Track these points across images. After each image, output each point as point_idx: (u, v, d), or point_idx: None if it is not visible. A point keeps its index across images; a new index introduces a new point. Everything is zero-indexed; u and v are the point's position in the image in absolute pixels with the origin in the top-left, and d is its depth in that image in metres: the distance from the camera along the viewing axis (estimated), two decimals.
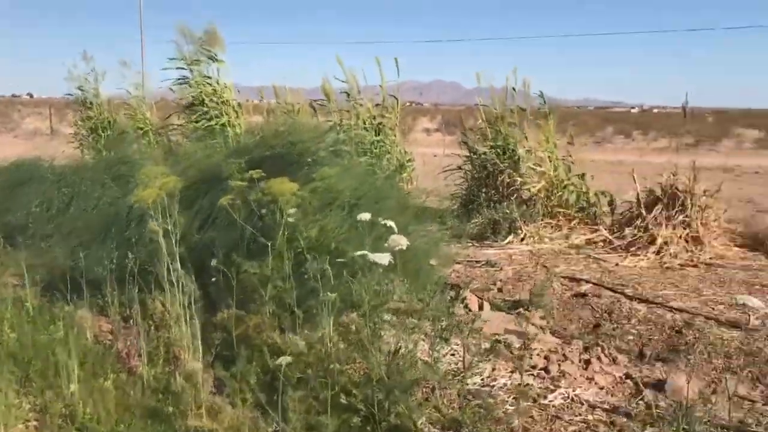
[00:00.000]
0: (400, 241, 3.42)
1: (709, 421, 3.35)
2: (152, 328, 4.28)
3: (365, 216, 3.60)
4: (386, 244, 3.42)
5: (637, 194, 8.22)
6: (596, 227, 8.58)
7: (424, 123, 51.65)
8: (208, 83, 10.18)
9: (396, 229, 3.61)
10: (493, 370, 4.12)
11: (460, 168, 10.33)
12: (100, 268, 4.21)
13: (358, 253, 3.46)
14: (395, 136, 10.44)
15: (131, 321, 4.27)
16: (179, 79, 10.57)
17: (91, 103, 13.76)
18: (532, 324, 4.99)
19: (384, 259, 3.18)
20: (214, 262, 3.73)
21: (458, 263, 6.91)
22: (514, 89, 10.12)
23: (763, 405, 3.82)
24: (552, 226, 8.74)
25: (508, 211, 8.47)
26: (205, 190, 4.67)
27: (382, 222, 3.71)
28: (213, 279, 4.07)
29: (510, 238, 8.25)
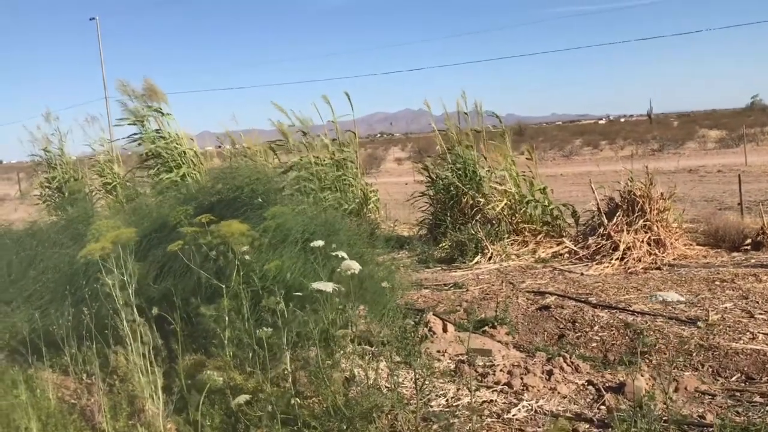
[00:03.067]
0: (352, 266, 3.50)
1: (668, 418, 3.40)
2: (117, 382, 4.26)
3: (318, 243, 3.69)
4: (338, 270, 3.49)
5: (597, 203, 8.36)
6: (561, 239, 8.70)
7: (395, 153, 52.14)
8: (161, 137, 10.26)
9: (348, 258, 3.68)
10: (458, 390, 4.14)
11: (423, 194, 10.45)
12: (58, 327, 4.20)
13: (312, 285, 3.52)
14: (357, 169, 10.55)
15: (94, 377, 4.25)
16: (132, 134, 10.69)
17: (56, 163, 13.79)
18: (497, 341, 5.05)
19: (328, 287, 3.24)
20: (154, 311, 3.75)
21: (426, 288, 6.96)
22: (466, 113, 10.31)
23: (723, 398, 3.88)
24: (518, 243, 8.85)
25: (473, 232, 8.56)
26: (160, 240, 4.69)
27: (335, 253, 3.78)
28: (171, 326, 4.08)
29: (477, 258, 8.33)
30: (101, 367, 4.28)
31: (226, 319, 3.91)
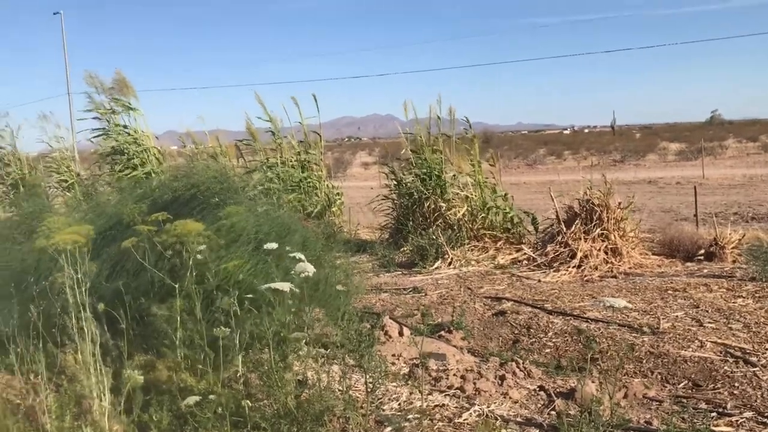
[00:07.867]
0: (307, 268, 3.48)
1: (617, 424, 3.44)
2: (65, 382, 4.18)
3: (272, 245, 3.65)
4: (292, 272, 3.47)
5: (556, 211, 8.46)
6: (520, 246, 8.80)
7: (363, 157, 52.15)
8: (126, 132, 10.11)
9: (304, 259, 3.65)
10: (411, 393, 4.15)
11: (387, 198, 10.47)
12: (4, 325, 4.09)
13: (265, 286, 3.49)
14: (321, 171, 10.54)
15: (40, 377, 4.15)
16: (96, 129, 10.52)
17: (9, 159, 13.51)
18: (453, 345, 5.08)
19: (285, 286, 3.22)
20: (100, 308, 3.69)
21: (385, 292, 6.97)
22: (439, 117, 10.37)
23: (669, 404, 3.96)
24: (478, 249, 8.92)
25: (434, 237, 8.60)
26: (114, 237, 4.62)
27: (291, 255, 3.75)
28: (123, 326, 4.01)
29: (438, 263, 8.37)
30: (50, 366, 4.19)
31: (178, 319, 3.86)
